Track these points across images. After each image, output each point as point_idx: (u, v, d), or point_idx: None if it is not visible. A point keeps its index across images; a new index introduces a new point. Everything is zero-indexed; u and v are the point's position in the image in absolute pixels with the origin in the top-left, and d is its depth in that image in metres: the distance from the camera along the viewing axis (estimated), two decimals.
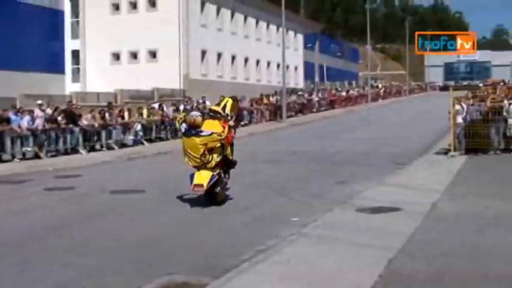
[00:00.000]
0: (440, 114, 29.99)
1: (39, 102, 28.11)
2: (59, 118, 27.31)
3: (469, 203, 13.94)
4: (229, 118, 14.95)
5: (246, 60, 64.43)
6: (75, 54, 55.44)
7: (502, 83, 37.60)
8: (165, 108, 34.85)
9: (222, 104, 15.38)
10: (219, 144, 14.17)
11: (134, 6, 54.02)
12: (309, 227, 11.93)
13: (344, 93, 70.19)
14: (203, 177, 13.92)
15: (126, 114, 31.45)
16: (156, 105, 35.02)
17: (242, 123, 41.40)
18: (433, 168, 20.40)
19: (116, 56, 54.44)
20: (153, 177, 20.19)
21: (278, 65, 66.09)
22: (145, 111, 32.78)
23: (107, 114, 29.82)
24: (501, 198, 14.39)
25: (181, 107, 35.89)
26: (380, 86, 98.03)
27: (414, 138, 31.31)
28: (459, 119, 23.47)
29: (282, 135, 35.56)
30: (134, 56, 53.96)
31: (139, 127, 31.55)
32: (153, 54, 53.15)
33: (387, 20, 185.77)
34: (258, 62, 67.16)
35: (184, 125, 14.35)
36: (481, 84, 54.11)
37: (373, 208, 13.43)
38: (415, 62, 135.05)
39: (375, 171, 19.96)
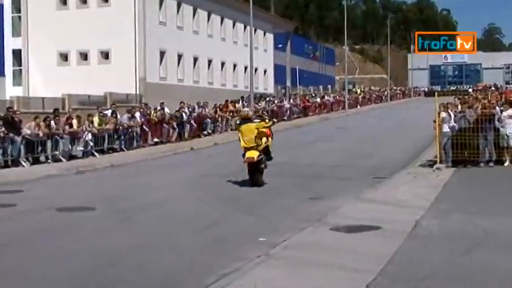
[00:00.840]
0: (425, 123, 30.18)
1: None
2: None
3: (456, 221, 14.04)
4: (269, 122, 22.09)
5: (210, 62, 64.43)
6: (17, 54, 55.01)
7: (493, 88, 38.08)
8: (118, 116, 34.66)
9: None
10: (265, 130, 20.60)
11: (84, 0, 53.72)
12: (278, 247, 11.94)
13: (319, 99, 70.53)
14: (253, 154, 19.83)
15: (74, 122, 31.20)
16: (108, 112, 34.81)
17: (205, 132, 41.45)
18: (417, 182, 20.52)
19: (64, 57, 54.09)
20: (104, 193, 20.04)
21: (245, 68, 66.26)
22: (96, 119, 32.54)
23: (52, 122, 29.56)
24: (491, 215, 14.51)
25: (138, 115, 35.74)
26: (359, 91, 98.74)
27: (396, 148, 31.51)
28: (446, 128, 23.56)
29: None
30: (84, 56, 53.67)
31: (89, 137, 31.32)
32: (105, 55, 52.91)
33: (367, 18, 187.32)
34: (223, 64, 67.22)
35: (238, 120, 22.94)
36: (470, 90, 54.78)
37: (349, 227, 13.48)
38: (397, 65, 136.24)
39: (352, 186, 20.07)
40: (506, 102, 24.99)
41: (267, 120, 21.77)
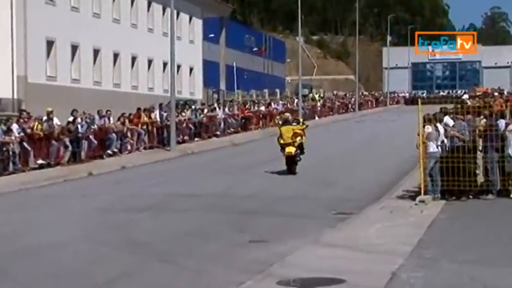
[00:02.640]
0: (404, 140, 30.51)
1: None
2: None
3: (447, 272, 14.14)
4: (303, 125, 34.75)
5: (116, 56, 64.29)
6: None
7: (496, 93, 38.52)
8: None
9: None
10: (299, 131, 32.52)
11: None
12: None
13: (263, 108, 70.72)
14: (291, 149, 31.32)
15: None
16: None
17: (109, 151, 41.10)
18: (394, 219, 20.64)
19: None
20: None
21: (164, 65, 66.25)
22: None
23: None
24: (492, 265, 14.62)
25: (15, 127, 35.25)
26: (317, 97, 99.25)
27: (366, 174, 31.73)
28: (432, 147, 23.67)
29: (168, 170, 35.48)
30: None
31: None
32: None
33: (328, 0, 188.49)
34: (134, 59, 67.12)
35: (281, 121, 34.79)
36: (466, 96, 55.29)
37: (303, 280, 13.49)
38: (368, 62, 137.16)
39: (307, 224, 20.15)
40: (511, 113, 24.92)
41: (301, 124, 33.81)
